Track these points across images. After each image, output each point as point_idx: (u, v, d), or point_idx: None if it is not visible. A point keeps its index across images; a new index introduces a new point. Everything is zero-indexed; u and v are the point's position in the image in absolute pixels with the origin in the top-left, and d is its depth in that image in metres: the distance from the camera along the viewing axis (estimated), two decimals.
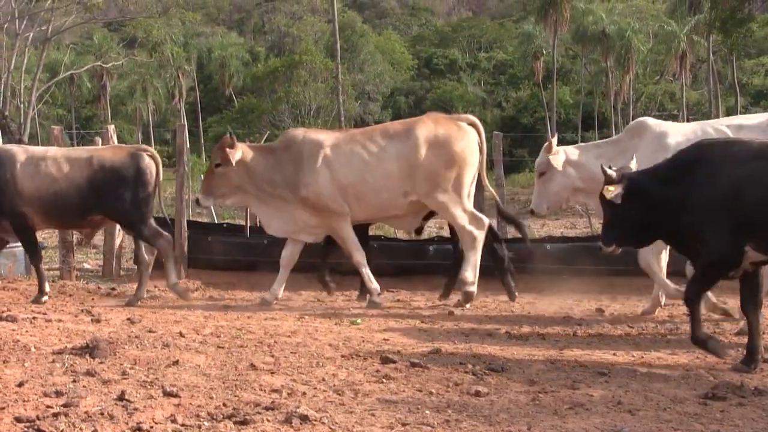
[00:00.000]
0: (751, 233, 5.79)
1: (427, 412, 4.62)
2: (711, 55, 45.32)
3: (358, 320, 8.04)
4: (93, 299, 9.29)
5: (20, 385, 4.87)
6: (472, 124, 9.09)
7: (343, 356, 6.07)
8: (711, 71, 46.62)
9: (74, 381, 5.02)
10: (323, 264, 9.83)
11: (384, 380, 5.37)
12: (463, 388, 5.20)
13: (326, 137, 9.05)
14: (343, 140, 9.03)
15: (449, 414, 4.59)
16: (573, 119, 57.52)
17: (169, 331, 6.73)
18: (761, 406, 4.87)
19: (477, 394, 5.06)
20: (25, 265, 11.03)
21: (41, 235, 16.58)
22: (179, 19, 61.52)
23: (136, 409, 4.46)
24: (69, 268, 11.34)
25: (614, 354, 6.41)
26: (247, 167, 9.01)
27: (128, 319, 7.39)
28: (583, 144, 9.23)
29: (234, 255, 11.29)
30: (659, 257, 8.28)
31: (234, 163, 8.87)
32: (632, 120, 45.77)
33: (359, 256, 9.11)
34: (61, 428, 4.12)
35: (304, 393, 4.98)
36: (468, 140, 8.92)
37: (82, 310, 7.94)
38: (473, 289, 8.87)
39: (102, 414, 4.35)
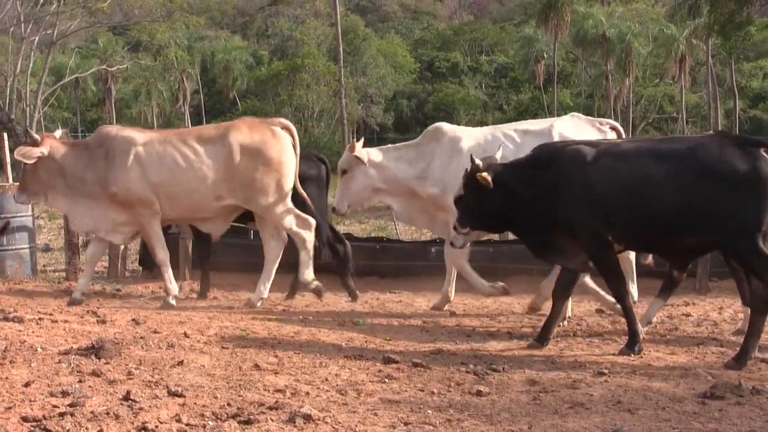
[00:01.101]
0: (606, 225, 6.44)
1: (429, 411, 4.63)
2: (710, 58, 45.26)
3: (361, 321, 8.05)
4: (99, 300, 9.30)
5: (27, 385, 4.88)
6: (286, 128, 9.04)
7: (345, 356, 6.08)
8: (710, 74, 46.55)
9: (80, 381, 5.03)
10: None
11: (386, 380, 5.38)
12: (464, 388, 5.22)
13: (140, 135, 8.94)
14: (157, 140, 8.92)
15: (451, 413, 4.60)
16: None
17: (173, 332, 6.74)
18: (759, 405, 4.88)
19: (478, 393, 5.07)
20: (31, 266, 11.04)
21: (47, 238, 16.64)
22: (183, 23, 61.47)
23: (141, 408, 4.48)
24: (75, 270, 11.34)
25: (613, 354, 6.42)
26: (57, 163, 8.85)
27: (133, 320, 7.40)
28: (385, 146, 9.37)
29: (238, 257, 11.28)
30: (466, 256, 8.63)
31: (34, 161, 8.74)
32: (632, 122, 45.63)
33: (163, 255, 9.09)
34: (67, 428, 4.13)
35: (307, 393, 4.99)
36: (283, 145, 8.88)
37: (87, 311, 7.95)
38: (317, 283, 9.01)
39: (108, 414, 4.36)
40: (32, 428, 4.11)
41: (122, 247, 11.71)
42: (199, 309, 8.70)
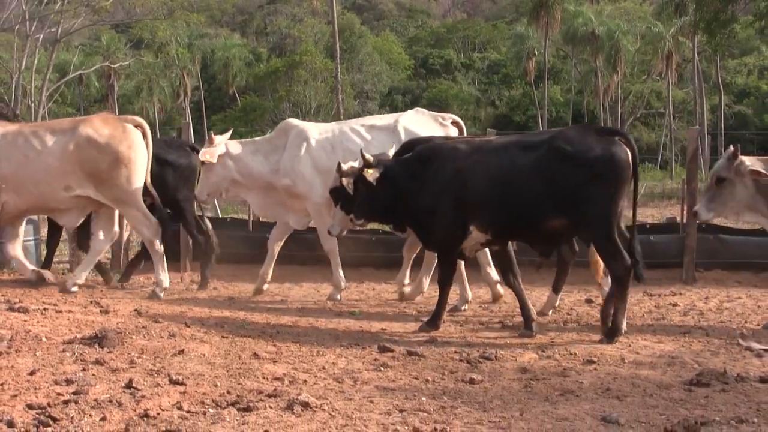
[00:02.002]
0: (474, 216, 6.81)
1: (424, 398, 4.63)
2: (696, 55, 45.30)
3: (357, 311, 8.05)
4: (102, 291, 9.29)
5: (32, 373, 4.87)
6: (139, 126, 8.95)
7: (342, 345, 6.08)
8: (696, 71, 46.58)
9: (84, 370, 5.02)
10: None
11: (382, 368, 5.38)
12: (458, 376, 5.22)
13: None
14: (11, 132, 8.84)
15: (445, 400, 4.60)
16: (564, 117, 57.50)
17: (175, 322, 6.74)
18: (743, 391, 4.89)
19: (471, 381, 5.07)
20: (35, 258, 10.99)
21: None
22: (184, 21, 61.35)
23: (143, 396, 4.47)
24: (78, 262, 11.29)
25: (602, 342, 6.42)
26: None
27: (135, 310, 7.39)
28: (244, 140, 9.48)
29: (237, 248, 11.27)
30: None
31: None
32: (620, 117, 45.70)
33: (11, 249, 9.15)
34: (71, 415, 4.12)
35: (305, 381, 4.99)
36: (133, 141, 8.79)
37: (91, 302, 7.94)
38: (167, 282, 8.95)
39: (110, 401, 4.35)
40: (37, 415, 4.10)
41: (125, 239, 11.67)
42: (200, 300, 8.69)
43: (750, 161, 7.22)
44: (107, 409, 4.22)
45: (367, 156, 7.12)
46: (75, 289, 8.76)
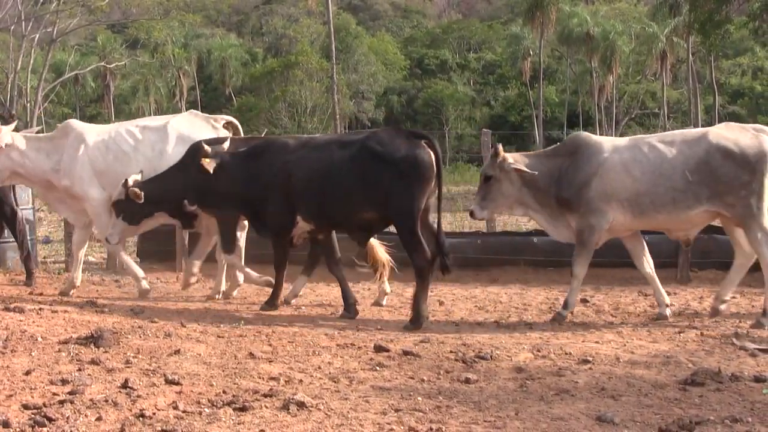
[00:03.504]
0: (299, 207, 7.53)
1: (419, 398, 4.63)
2: (690, 55, 45.35)
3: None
4: (97, 291, 9.27)
5: (27, 373, 4.86)
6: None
7: (338, 345, 6.07)
8: (690, 71, 46.65)
9: (79, 369, 5.01)
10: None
11: (377, 368, 5.37)
12: (453, 375, 5.21)
13: None
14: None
15: (440, 400, 4.60)
16: (559, 117, 57.57)
17: (171, 322, 6.73)
18: (737, 391, 4.89)
19: (467, 381, 5.07)
20: (33, 256, 10.96)
21: (47, 230, 16.57)
22: (180, 21, 61.17)
23: (139, 396, 4.46)
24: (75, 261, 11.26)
25: (598, 342, 6.42)
26: None
27: (131, 309, 7.38)
28: (36, 135, 9.37)
29: None
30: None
31: None
32: (615, 117, 45.69)
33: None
34: (67, 415, 4.11)
35: (300, 380, 4.98)
36: None
37: (87, 302, 7.92)
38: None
39: (106, 401, 4.34)
40: (33, 415, 4.09)
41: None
42: (196, 299, 8.67)
43: (512, 158, 7.73)
44: (103, 409, 4.21)
45: (206, 147, 7.75)
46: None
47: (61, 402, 4.31)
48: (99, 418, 4.08)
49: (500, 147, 7.74)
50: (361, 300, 8.99)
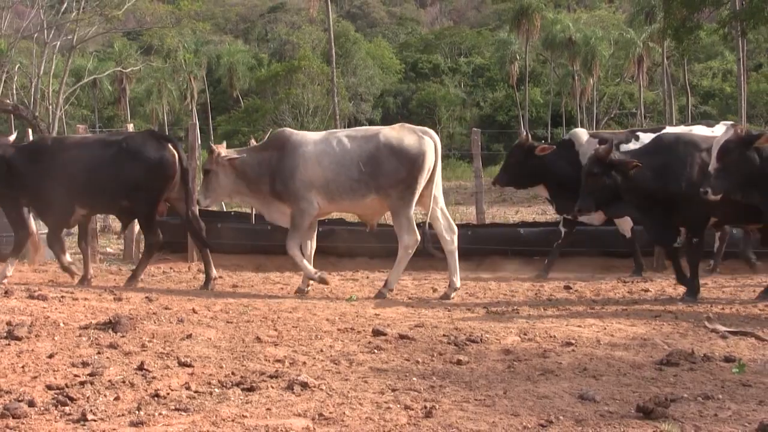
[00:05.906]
0: (78, 198, 8.42)
1: (414, 378, 4.63)
2: (665, 59, 45.26)
3: (353, 296, 8.04)
4: (115, 280, 9.26)
5: (50, 356, 4.86)
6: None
7: (339, 330, 6.07)
8: (665, 74, 46.55)
9: (99, 353, 5.00)
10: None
11: (375, 351, 5.37)
12: (446, 357, 5.21)
13: None
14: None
15: (434, 380, 4.60)
16: (543, 117, 57.52)
17: (183, 308, 6.72)
18: (709, 370, 4.90)
19: (459, 362, 5.07)
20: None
21: None
22: (191, 29, 61.00)
23: (154, 377, 4.46)
24: (93, 253, 11.27)
25: (580, 326, 6.42)
26: None
27: (146, 297, 7.37)
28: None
29: (241, 240, 11.25)
30: None
31: None
32: (596, 117, 45.46)
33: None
34: (87, 395, 4.11)
35: (304, 363, 4.98)
36: None
37: (105, 290, 7.91)
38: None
39: (124, 382, 4.34)
40: (56, 395, 4.09)
41: (137, 230, 11.64)
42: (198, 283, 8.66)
43: (225, 152, 8.26)
44: (120, 390, 4.21)
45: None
46: None
47: (82, 383, 4.31)
48: (117, 398, 4.08)
49: (215, 145, 8.35)
50: (359, 287, 8.99)
